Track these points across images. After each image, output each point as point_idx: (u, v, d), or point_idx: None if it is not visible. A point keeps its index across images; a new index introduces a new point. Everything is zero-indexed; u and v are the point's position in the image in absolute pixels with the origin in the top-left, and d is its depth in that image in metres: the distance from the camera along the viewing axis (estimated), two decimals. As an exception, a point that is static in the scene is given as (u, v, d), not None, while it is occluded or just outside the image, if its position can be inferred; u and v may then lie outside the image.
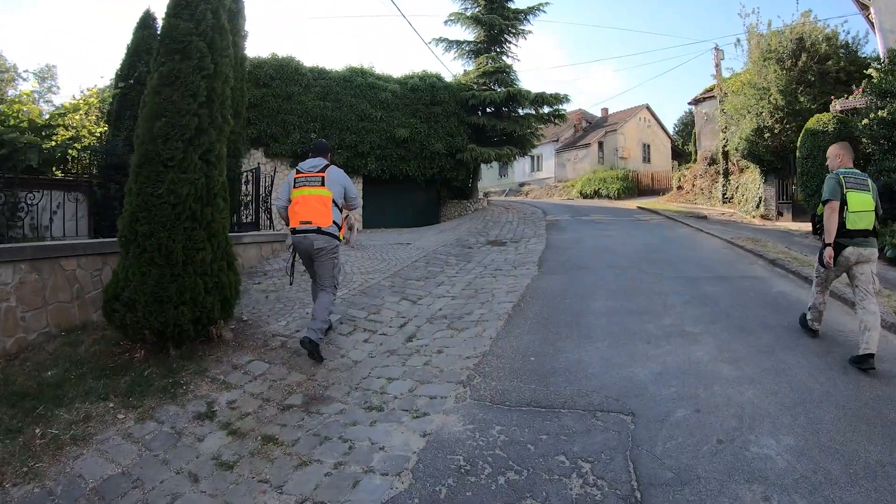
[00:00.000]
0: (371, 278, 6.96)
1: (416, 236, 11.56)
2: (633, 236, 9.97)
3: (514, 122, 16.54)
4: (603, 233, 10.61)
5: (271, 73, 14.59)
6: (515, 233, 11.28)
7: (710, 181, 19.59)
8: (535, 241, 9.88)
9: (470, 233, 11.57)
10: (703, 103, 21.79)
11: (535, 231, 11.27)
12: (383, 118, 15.03)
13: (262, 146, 14.74)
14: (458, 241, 10.37)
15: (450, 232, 11.97)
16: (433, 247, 9.59)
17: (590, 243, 9.27)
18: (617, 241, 9.29)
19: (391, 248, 9.33)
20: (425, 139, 15.29)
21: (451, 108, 16.02)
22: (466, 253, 8.96)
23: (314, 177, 4.27)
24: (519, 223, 13.12)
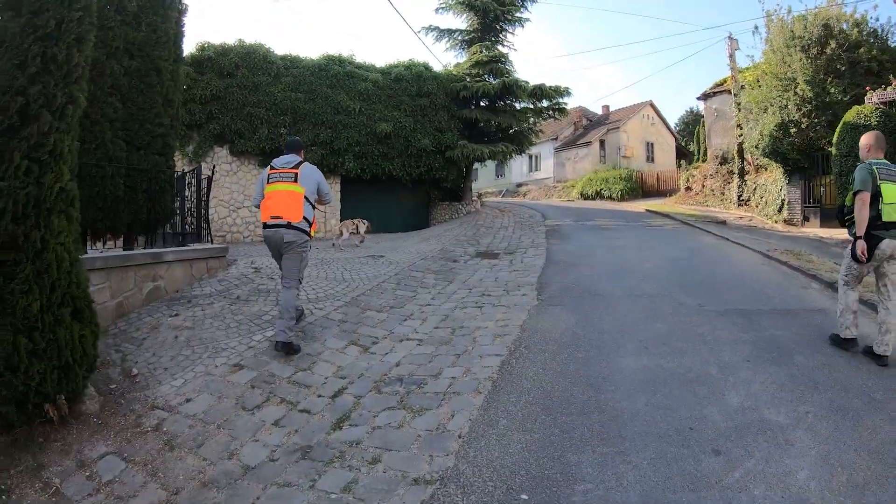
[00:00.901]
0: (319, 308, 5.38)
1: (396, 245, 9.99)
2: (652, 247, 8.42)
3: (509, 116, 15.01)
4: (614, 242, 9.05)
5: (237, 62, 13.03)
6: (510, 241, 9.72)
7: (723, 182, 18.07)
8: (534, 252, 8.33)
9: (458, 241, 10.01)
10: (713, 98, 20.28)
11: (534, 239, 9.72)
12: (363, 111, 13.47)
13: (226, 143, 13.22)
14: (443, 251, 8.81)
15: (435, 240, 10.41)
16: (411, 260, 8.02)
17: (601, 257, 7.71)
18: (634, 254, 7.75)
19: (359, 263, 7.76)
20: (410, 134, 13.72)
21: (441, 101, 14.47)
22: (450, 269, 7.40)
23: (287, 173, 4.25)
24: (515, 229, 11.57)
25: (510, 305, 5.15)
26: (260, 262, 7.53)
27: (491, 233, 11.12)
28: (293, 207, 4.16)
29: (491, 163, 35.95)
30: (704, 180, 19.30)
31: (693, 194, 19.66)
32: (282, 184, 4.21)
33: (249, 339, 4.66)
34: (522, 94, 15.42)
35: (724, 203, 17.27)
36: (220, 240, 13.38)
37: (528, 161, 31.85)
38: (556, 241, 9.33)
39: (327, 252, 9.23)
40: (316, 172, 4.42)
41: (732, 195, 16.75)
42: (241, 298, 5.92)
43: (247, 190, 13.40)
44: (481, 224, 12.70)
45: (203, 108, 12.74)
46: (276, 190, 4.21)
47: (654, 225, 11.59)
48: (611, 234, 10.14)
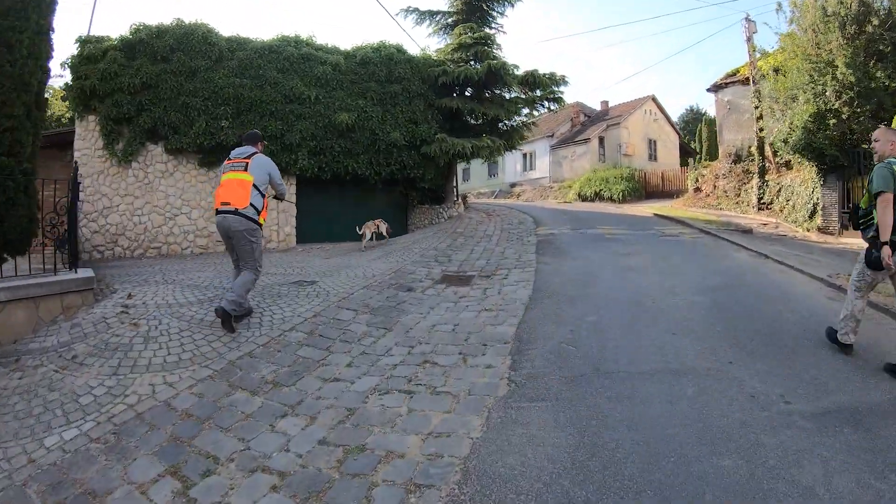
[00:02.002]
0: (168, 385, 3.34)
1: (345, 263, 7.92)
2: (675, 269, 6.35)
3: (497, 106, 12.95)
4: (623, 260, 6.99)
5: (172, 45, 11.01)
6: (491, 257, 7.68)
7: (737, 182, 16.08)
8: (518, 275, 6.29)
9: (425, 256, 7.95)
10: (724, 90, 18.30)
11: (521, 255, 7.68)
12: (320, 99, 11.39)
13: (161, 139, 11.19)
14: (399, 274, 6.76)
15: (397, 255, 8.35)
16: (349, 289, 5.98)
17: (608, 284, 5.64)
18: (653, 281, 5.69)
19: (275, 296, 5.70)
20: (378, 126, 11.65)
21: (416, 88, 12.40)
22: (397, 304, 5.35)
23: (239, 162, 4.42)
24: (500, 239, 9.53)
25: (461, 394, 3.08)
26: (146, 293, 5.46)
27: (469, 244, 9.07)
28: (240, 195, 4.27)
29: (485, 162, 33.93)
30: (716, 180, 17.32)
31: (703, 196, 17.67)
32: (233, 172, 4.38)
33: (39, 444, 2.72)
34: (512, 82, 13.38)
35: (739, 206, 15.26)
36: (154, 252, 11.39)
37: (523, 160, 29.83)
38: (549, 259, 7.28)
39: None
40: (267, 163, 4.53)
41: (751, 197, 14.74)
42: (77, 360, 3.95)
43: (185, 194, 11.39)
44: (461, 232, 10.66)
45: (132, 99, 10.74)
46: (227, 179, 4.40)
47: (669, 234, 9.56)
48: (618, 246, 8.09)
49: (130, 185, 11.26)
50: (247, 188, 4.31)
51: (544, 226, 11.31)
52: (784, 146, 11.90)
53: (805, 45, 11.42)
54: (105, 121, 10.95)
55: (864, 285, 3.48)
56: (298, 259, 8.93)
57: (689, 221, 10.98)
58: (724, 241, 8.60)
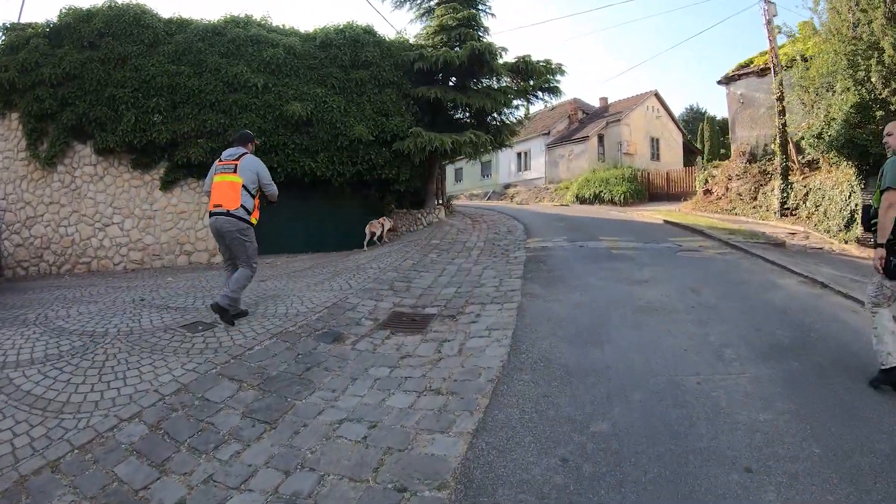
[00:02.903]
0: None
1: (276, 290, 6.14)
2: (715, 311, 4.47)
3: (483, 96, 11.20)
4: (641, 292, 5.17)
5: (101, 29, 9.43)
6: (464, 283, 5.94)
7: (754, 184, 14.38)
8: (493, 317, 4.56)
9: (379, 281, 6.20)
10: (737, 82, 16.60)
11: (503, 280, 5.94)
12: (270, 87, 9.66)
13: (88, 139, 9.60)
14: (336, 308, 5.03)
15: (346, 276, 6.60)
16: (255, 337, 4.28)
17: (624, 345, 3.77)
18: (691, 337, 3.87)
19: (150, 347, 3.96)
20: (339, 119, 9.90)
21: (387, 75, 10.65)
22: (302, 375, 3.64)
23: (229, 164, 4.48)
24: (481, 254, 7.80)
25: None
26: None
27: (442, 261, 7.34)
28: (231, 196, 4.38)
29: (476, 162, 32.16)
30: (728, 182, 15.61)
31: (714, 199, 15.96)
32: (223, 174, 4.47)
33: None
34: (501, 69, 11.66)
35: (758, 211, 13.56)
36: (84, 268, 9.77)
37: (517, 159, 28.10)
38: (539, 288, 5.52)
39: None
40: (256, 164, 4.59)
41: (771, 202, 13.03)
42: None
43: (116, 200, 9.77)
44: (436, 244, 8.92)
45: (55, 93, 9.24)
46: (218, 181, 4.47)
47: (688, 248, 7.82)
48: (628, 268, 6.32)
49: (56, 192, 9.70)
50: (237, 190, 4.39)
51: (537, 236, 9.57)
52: (816, 142, 10.20)
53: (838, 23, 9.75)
54: (26, 118, 9.36)
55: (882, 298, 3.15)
56: (219, 279, 7.17)
57: (708, 231, 9.26)
58: (759, 260, 6.87)
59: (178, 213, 10.07)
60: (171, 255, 10.11)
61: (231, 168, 4.45)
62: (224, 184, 4.43)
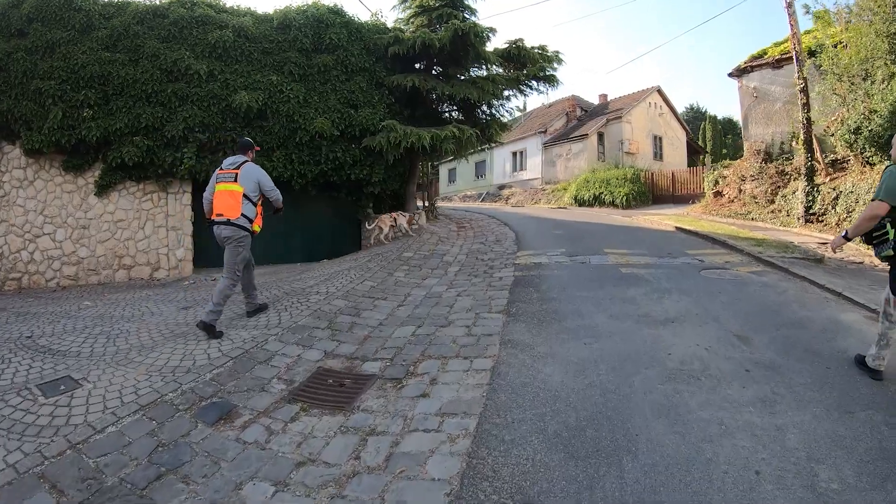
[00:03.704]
0: None
1: (182, 323, 4.69)
2: (773, 369, 3.07)
3: (468, 85, 9.77)
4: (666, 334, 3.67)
5: (30, 14, 8.13)
6: (427, 320, 4.52)
7: (771, 185, 12.98)
8: (454, 387, 3.16)
9: (319, 314, 4.78)
10: (750, 75, 15.22)
11: (480, 315, 4.53)
12: (215, 75, 8.27)
13: (17, 138, 8.25)
14: (244, 360, 3.63)
15: (281, 304, 5.15)
16: (115, 411, 2.86)
17: (663, 450, 2.31)
18: (763, 431, 2.42)
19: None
20: (297, 111, 8.47)
21: (357, 60, 9.22)
22: (144, 491, 2.26)
23: (229, 173, 4.48)
24: (459, 273, 6.39)
25: None
26: None
27: (409, 284, 5.91)
28: (232, 206, 4.39)
29: (470, 162, 30.73)
30: (742, 183, 14.21)
31: (725, 202, 14.57)
32: (224, 184, 4.47)
33: None
34: (490, 56, 10.24)
35: (777, 216, 12.15)
36: (14, 285, 8.55)
37: (512, 159, 26.71)
38: (526, 333, 4.07)
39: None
40: (256, 172, 4.57)
41: (793, 206, 11.63)
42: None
43: (48, 208, 8.58)
44: (409, 257, 7.49)
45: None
46: (219, 190, 4.49)
47: (712, 265, 6.38)
48: (645, 298, 4.85)
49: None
50: (237, 199, 4.41)
51: (529, 247, 8.14)
52: (853, 138, 8.82)
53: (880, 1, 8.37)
54: None
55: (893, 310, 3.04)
56: (146, 303, 5.72)
57: (731, 242, 7.84)
58: (805, 283, 5.46)
59: (116, 221, 8.70)
60: (109, 270, 8.74)
61: (231, 177, 4.45)
62: (225, 193, 4.44)
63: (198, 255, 9.30)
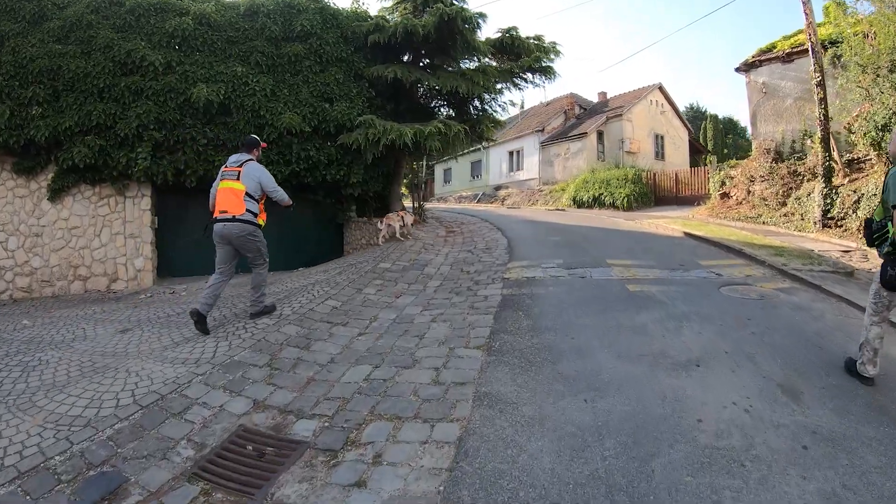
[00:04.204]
0: None
1: (109, 351, 3.84)
2: (841, 444, 2.27)
3: (456, 76, 8.91)
4: (691, 385, 2.80)
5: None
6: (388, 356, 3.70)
7: (782, 187, 12.16)
8: (409, 468, 2.34)
9: (261, 346, 3.95)
10: (758, 70, 14.41)
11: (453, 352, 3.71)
12: (173, 66, 7.45)
13: None
14: (159, 409, 2.78)
15: (227, 328, 4.30)
16: None
17: None
18: None
19: None
20: (264, 105, 7.63)
21: (332, 50, 8.39)
22: None
23: (232, 171, 4.48)
24: (439, 290, 5.55)
25: None
26: None
27: (378, 304, 5.07)
28: (235, 203, 4.38)
29: (466, 161, 29.86)
30: (750, 184, 13.39)
31: (733, 204, 13.75)
32: (227, 181, 4.45)
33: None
34: (482, 47, 9.40)
35: (790, 220, 11.33)
36: None
37: (509, 158, 25.87)
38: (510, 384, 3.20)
39: None
40: (258, 171, 4.55)
41: (808, 209, 10.80)
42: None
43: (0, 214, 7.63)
44: (384, 270, 6.64)
45: None
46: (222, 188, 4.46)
47: (731, 280, 5.53)
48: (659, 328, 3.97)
49: (-68, 207, 7.62)
50: (240, 196, 4.38)
51: (522, 256, 7.30)
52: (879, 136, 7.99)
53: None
54: None
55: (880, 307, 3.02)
56: (85, 324, 4.87)
57: (748, 250, 7.00)
58: (842, 304, 4.62)
59: (70, 228, 7.92)
60: (64, 281, 7.97)
61: (234, 175, 4.45)
62: (228, 190, 4.42)
63: (162, 264, 8.49)
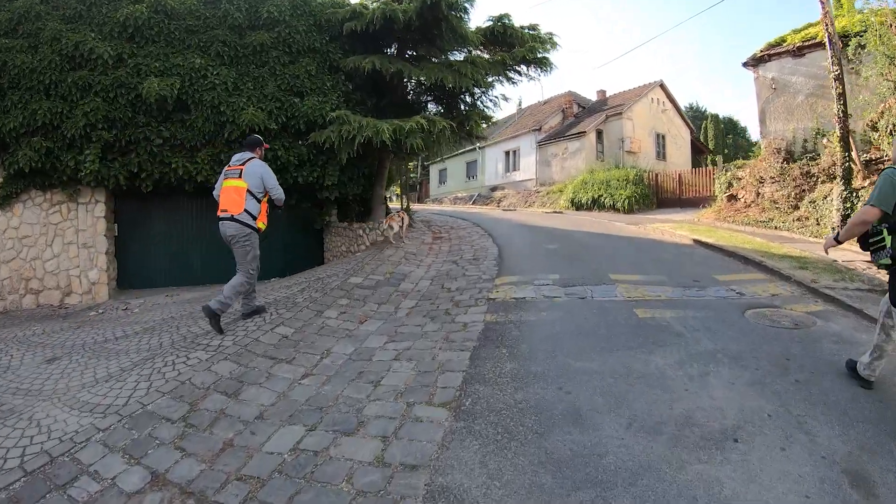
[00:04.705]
0: None
1: (23, 389, 3.03)
2: None
3: (444, 69, 8.06)
4: (736, 496, 1.99)
5: None
6: (328, 414, 2.91)
7: (794, 189, 11.37)
8: None
9: (181, 391, 3.13)
10: (767, 64, 13.63)
11: (411, 411, 2.95)
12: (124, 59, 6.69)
13: None
14: (41, 479, 1.93)
15: (164, 359, 3.49)
16: None
17: None
18: None
19: None
20: (225, 100, 6.82)
21: (303, 39, 7.57)
22: None
23: (234, 169, 4.44)
24: (411, 314, 4.76)
25: None
26: None
27: (336, 334, 4.27)
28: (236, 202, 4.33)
29: (461, 161, 29.01)
30: (760, 186, 12.60)
31: (742, 207, 12.96)
32: (230, 180, 4.42)
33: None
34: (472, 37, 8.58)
35: (804, 224, 10.54)
36: None
37: (505, 159, 25.06)
38: (481, 463, 2.39)
39: None
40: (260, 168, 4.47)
41: (825, 213, 10.01)
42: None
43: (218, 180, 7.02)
44: (354, 286, 5.82)
45: None
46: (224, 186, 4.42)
47: (758, 301, 4.70)
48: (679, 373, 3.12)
49: None
50: (241, 195, 4.34)
51: (513, 270, 6.47)
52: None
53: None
54: None
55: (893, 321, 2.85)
56: (14, 349, 4.05)
57: (768, 262, 6.17)
58: None
59: (21, 238, 7.19)
60: (16, 295, 7.29)
61: (236, 173, 4.41)
62: (230, 188, 4.38)
63: (124, 275, 7.70)
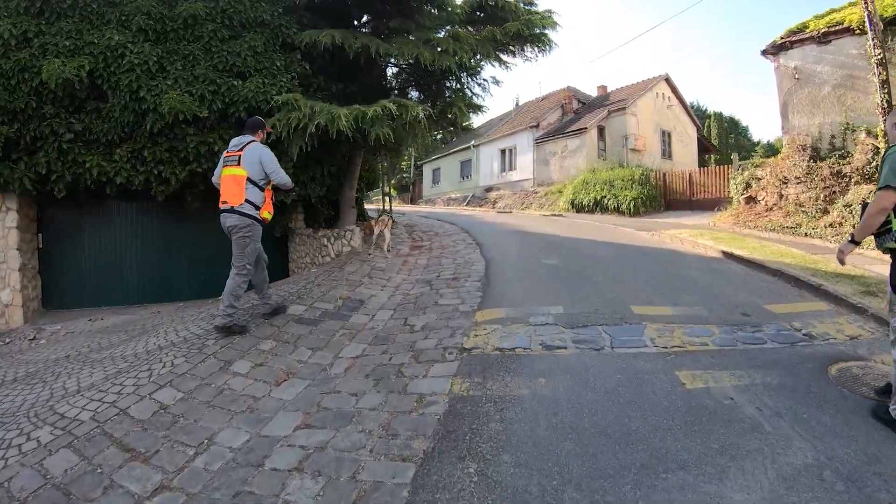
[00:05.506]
0: None
1: None
2: None
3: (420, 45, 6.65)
4: None
5: None
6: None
7: (823, 191, 10.06)
8: None
9: (44, 482, 1.75)
10: (789, 52, 12.34)
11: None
12: (29, 38, 5.47)
13: None
14: None
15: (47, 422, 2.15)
16: None
17: None
18: None
19: None
20: (146, 83, 5.46)
21: (248, 11, 6.25)
22: None
23: (233, 156, 4.10)
24: (350, 370, 3.42)
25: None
26: None
27: (236, 402, 2.95)
28: (235, 192, 4.01)
29: (455, 160, 27.64)
30: (783, 186, 11.29)
31: (762, 210, 11.65)
32: (228, 168, 4.07)
33: None
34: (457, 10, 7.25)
35: (837, 231, 9.24)
36: None
37: (500, 157, 23.73)
38: None
39: None
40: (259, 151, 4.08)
41: (865, 217, 8.66)
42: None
43: None
44: (293, 318, 4.50)
45: None
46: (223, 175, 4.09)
47: (838, 351, 3.38)
48: None
49: None
50: (241, 184, 3.99)
51: (500, 299, 5.08)
52: None
53: None
54: None
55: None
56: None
57: (827, 286, 4.82)
58: None
59: None
60: None
61: (235, 160, 4.02)
62: (229, 178, 4.01)
63: (51, 293, 6.41)
